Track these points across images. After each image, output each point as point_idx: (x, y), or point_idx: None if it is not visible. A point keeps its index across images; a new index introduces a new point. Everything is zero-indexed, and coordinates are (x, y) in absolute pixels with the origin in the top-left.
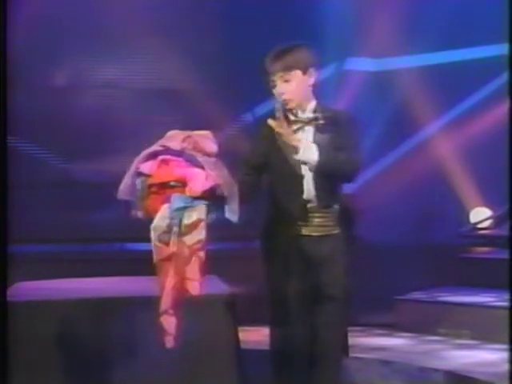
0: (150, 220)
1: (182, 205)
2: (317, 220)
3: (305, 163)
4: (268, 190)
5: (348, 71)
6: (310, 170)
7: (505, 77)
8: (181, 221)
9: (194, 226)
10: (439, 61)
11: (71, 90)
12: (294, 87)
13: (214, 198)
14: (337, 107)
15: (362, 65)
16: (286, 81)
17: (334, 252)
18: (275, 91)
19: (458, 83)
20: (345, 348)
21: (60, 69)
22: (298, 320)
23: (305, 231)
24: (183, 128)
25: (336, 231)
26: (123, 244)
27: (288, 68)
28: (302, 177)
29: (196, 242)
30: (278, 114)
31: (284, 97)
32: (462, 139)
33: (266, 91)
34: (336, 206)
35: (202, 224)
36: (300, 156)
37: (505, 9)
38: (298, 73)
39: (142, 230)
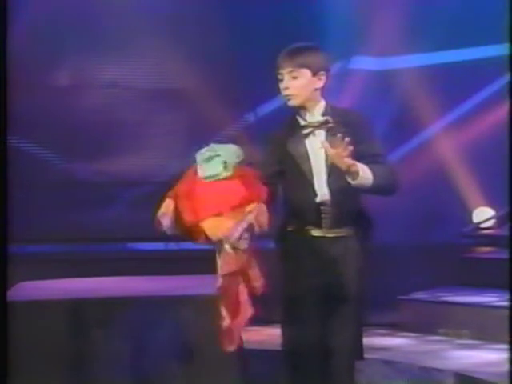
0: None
1: None
2: (331, 222)
3: (361, 185)
4: (282, 193)
5: (351, 70)
6: (363, 190)
7: (507, 77)
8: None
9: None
10: (442, 60)
11: (72, 90)
12: (299, 84)
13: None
14: (346, 107)
15: (365, 64)
16: (294, 77)
17: (347, 253)
18: (281, 85)
19: (461, 83)
20: (360, 349)
21: (61, 69)
22: (311, 321)
23: (318, 233)
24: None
25: (350, 232)
26: (123, 244)
27: (298, 65)
28: (316, 180)
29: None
30: (333, 139)
31: (287, 92)
32: (464, 138)
33: (267, 92)
34: (350, 208)
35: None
36: (358, 180)
37: (506, 9)
38: (307, 72)
39: (141, 229)
